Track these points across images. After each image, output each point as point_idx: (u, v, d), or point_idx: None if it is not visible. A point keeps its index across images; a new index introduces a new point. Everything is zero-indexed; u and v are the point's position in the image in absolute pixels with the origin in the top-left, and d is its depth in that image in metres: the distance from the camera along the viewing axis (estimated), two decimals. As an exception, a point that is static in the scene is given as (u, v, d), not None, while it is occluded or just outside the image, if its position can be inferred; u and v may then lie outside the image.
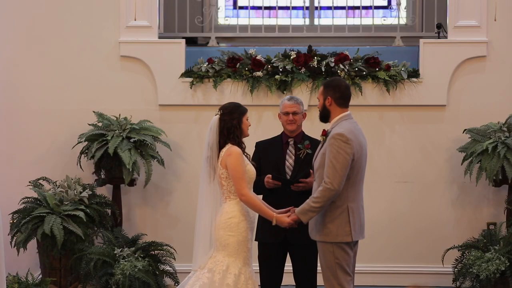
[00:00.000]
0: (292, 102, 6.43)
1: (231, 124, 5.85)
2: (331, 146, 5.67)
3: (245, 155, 5.89)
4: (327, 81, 5.97)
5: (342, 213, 5.74)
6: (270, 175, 6.25)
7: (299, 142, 6.42)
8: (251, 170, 5.87)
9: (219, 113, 5.90)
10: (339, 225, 5.73)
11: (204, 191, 5.95)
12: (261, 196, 6.32)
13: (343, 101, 5.86)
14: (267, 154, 6.44)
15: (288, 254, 6.47)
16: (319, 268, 6.32)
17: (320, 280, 6.55)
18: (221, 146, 5.88)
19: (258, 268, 6.40)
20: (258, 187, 6.25)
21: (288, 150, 6.43)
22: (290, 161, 6.40)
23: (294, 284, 6.49)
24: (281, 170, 6.35)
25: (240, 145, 5.88)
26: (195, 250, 5.97)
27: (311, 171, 6.16)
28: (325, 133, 5.84)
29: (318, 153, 5.88)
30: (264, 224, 6.30)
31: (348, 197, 5.74)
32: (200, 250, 5.94)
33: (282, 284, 6.47)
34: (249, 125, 5.97)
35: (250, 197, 5.78)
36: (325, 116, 5.89)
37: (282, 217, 5.84)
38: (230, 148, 5.82)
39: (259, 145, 6.57)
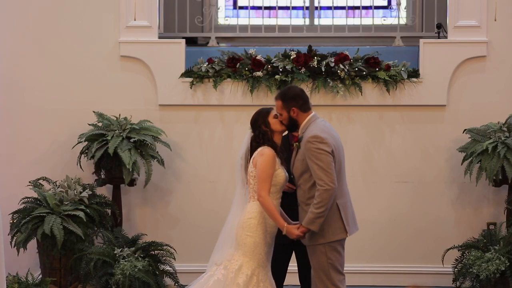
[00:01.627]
0: None
1: (259, 131, 5.92)
2: (309, 151, 5.71)
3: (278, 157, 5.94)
4: (283, 94, 5.98)
5: (333, 211, 5.76)
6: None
7: None
8: (281, 174, 5.91)
9: (250, 128, 6.00)
10: (332, 224, 5.77)
11: (237, 196, 6.03)
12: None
13: (307, 106, 5.93)
14: None
15: (293, 255, 6.48)
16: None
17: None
18: (253, 150, 5.93)
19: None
20: None
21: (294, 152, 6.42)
22: None
23: (299, 284, 6.50)
24: (289, 172, 6.35)
25: (275, 146, 5.93)
26: (216, 249, 6.00)
27: None
28: (297, 140, 5.89)
29: (295, 160, 5.90)
30: None
31: (335, 194, 5.75)
32: (221, 249, 5.97)
33: (285, 284, 6.48)
34: (280, 120, 5.96)
35: (267, 200, 5.81)
36: (294, 127, 5.94)
37: (292, 228, 5.83)
38: (263, 149, 5.88)
39: None
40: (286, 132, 6.15)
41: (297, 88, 6.03)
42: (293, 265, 6.51)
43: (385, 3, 9.93)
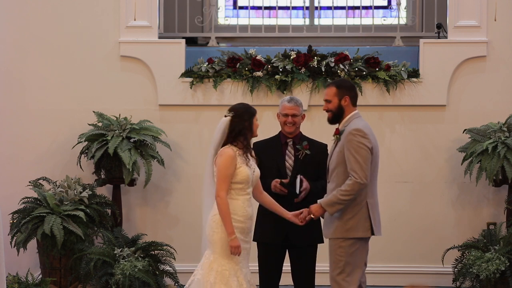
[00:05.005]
0: (292, 104, 6.40)
1: (242, 126, 5.88)
2: (350, 142, 5.71)
3: (249, 157, 5.89)
4: (339, 82, 6.02)
5: (362, 209, 5.80)
6: (278, 180, 6.26)
7: (297, 143, 6.41)
8: (243, 171, 5.84)
9: (231, 114, 5.89)
10: (359, 221, 5.79)
11: (206, 189, 5.99)
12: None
13: (356, 100, 5.97)
14: (266, 155, 6.43)
15: (287, 254, 6.47)
16: (317, 268, 6.35)
17: (319, 281, 6.56)
18: (223, 146, 5.90)
19: (257, 268, 6.41)
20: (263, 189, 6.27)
21: (287, 151, 6.42)
22: (289, 161, 6.39)
23: (292, 284, 6.49)
24: (282, 171, 6.34)
25: (248, 146, 5.91)
26: (202, 248, 6.03)
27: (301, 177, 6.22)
28: (338, 132, 5.86)
29: (333, 152, 5.89)
30: (264, 225, 6.30)
31: (367, 193, 5.81)
32: (203, 248, 6.00)
33: (280, 284, 6.48)
34: (258, 126, 5.99)
35: (223, 200, 5.77)
36: (339, 116, 5.92)
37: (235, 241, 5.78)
38: (223, 149, 5.85)
39: (257, 145, 6.53)
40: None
41: (350, 81, 6.08)
42: (286, 265, 6.50)
43: (385, 3, 9.93)
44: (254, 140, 6.56)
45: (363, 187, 5.71)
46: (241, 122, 5.88)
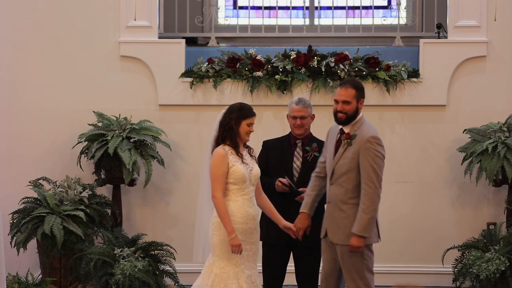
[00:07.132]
0: (300, 106, 6.35)
1: (227, 123, 5.85)
2: (368, 150, 5.66)
3: (244, 155, 5.88)
4: (355, 83, 5.91)
5: None
6: (281, 179, 6.25)
7: (307, 144, 6.38)
8: (237, 170, 5.81)
9: (224, 110, 5.93)
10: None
11: (203, 187, 5.98)
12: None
13: None
14: (275, 154, 6.42)
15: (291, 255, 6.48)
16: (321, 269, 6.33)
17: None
18: (218, 143, 5.88)
19: (261, 268, 6.41)
20: (269, 189, 6.27)
21: (295, 152, 6.41)
22: (297, 163, 6.38)
23: (296, 284, 6.50)
24: (289, 171, 6.33)
25: (236, 145, 5.86)
26: (194, 246, 6.03)
27: None
28: (349, 137, 5.77)
29: (341, 157, 5.79)
30: (269, 225, 6.29)
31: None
32: (196, 246, 6.02)
33: (284, 284, 6.49)
34: (251, 131, 5.91)
35: (219, 201, 5.76)
36: (353, 119, 5.82)
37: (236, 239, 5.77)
38: (215, 150, 5.86)
39: (267, 144, 6.55)
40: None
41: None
42: (290, 265, 6.50)
43: (385, 3, 9.93)
44: (256, 139, 6.56)
45: (380, 196, 5.68)
46: (228, 119, 5.87)
